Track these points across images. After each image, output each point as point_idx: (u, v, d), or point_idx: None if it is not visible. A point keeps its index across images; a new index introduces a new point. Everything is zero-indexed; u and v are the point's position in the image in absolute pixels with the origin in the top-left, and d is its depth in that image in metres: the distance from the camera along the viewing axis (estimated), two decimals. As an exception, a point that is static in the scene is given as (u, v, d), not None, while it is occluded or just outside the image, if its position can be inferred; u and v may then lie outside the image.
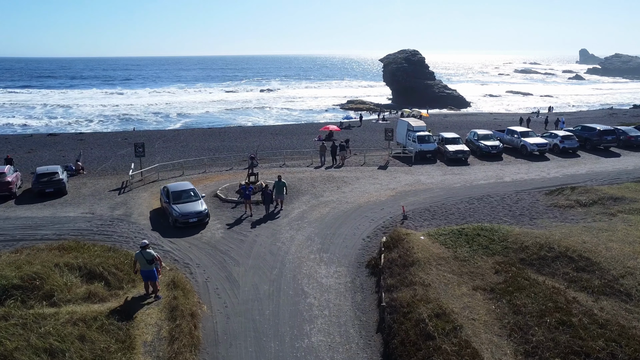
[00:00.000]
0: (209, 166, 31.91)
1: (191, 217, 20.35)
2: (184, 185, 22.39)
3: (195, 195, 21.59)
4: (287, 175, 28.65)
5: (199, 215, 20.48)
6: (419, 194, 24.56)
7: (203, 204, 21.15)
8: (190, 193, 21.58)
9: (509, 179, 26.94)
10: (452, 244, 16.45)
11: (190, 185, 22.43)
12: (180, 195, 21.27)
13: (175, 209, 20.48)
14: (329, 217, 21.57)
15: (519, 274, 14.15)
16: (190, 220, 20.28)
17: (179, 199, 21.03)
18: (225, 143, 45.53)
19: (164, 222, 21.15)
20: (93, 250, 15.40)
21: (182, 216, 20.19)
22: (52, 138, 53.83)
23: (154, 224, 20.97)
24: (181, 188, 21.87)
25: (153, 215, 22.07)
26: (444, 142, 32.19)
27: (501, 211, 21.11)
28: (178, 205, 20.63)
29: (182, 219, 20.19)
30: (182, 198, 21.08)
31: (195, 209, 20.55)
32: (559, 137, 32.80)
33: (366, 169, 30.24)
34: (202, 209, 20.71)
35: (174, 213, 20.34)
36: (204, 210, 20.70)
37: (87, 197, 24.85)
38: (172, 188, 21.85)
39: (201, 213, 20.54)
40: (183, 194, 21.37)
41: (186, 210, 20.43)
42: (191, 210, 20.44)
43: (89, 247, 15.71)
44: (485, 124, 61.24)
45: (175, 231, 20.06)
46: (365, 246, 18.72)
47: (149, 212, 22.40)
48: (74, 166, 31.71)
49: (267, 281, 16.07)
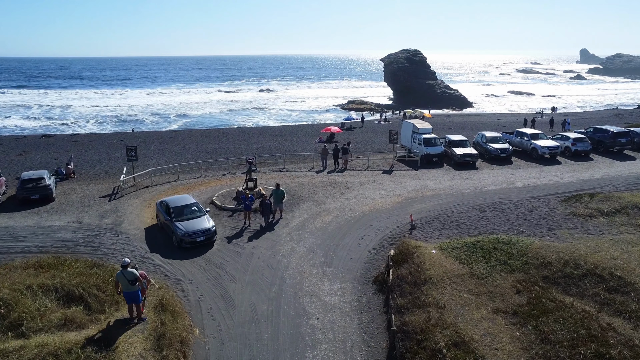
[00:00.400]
0: (205, 170, 30.55)
1: (198, 235, 18.12)
2: (184, 200, 20.03)
3: (200, 210, 19.42)
4: (288, 180, 27.32)
5: (207, 234, 18.28)
6: (427, 201, 23.21)
7: (210, 220, 18.94)
8: (194, 208, 19.39)
9: (520, 184, 25.58)
10: (467, 258, 15.10)
11: (191, 199, 20.13)
12: (182, 211, 19.03)
13: (179, 227, 18.20)
14: (331, 227, 20.23)
15: (543, 295, 12.81)
16: (197, 239, 18.05)
17: (181, 215, 18.81)
18: (224, 145, 44.18)
19: (163, 240, 19.01)
20: (74, 267, 14.03)
21: (188, 235, 17.94)
22: (46, 139, 52.51)
23: (151, 243, 18.69)
24: (182, 202, 19.59)
25: (149, 233, 19.73)
26: (451, 145, 30.82)
27: (516, 220, 19.75)
28: (182, 223, 18.38)
29: (189, 238, 17.94)
30: (184, 214, 18.90)
31: (202, 227, 18.33)
32: (571, 140, 31.43)
33: (370, 173, 28.87)
34: (209, 225, 18.51)
35: (178, 232, 18.07)
36: (211, 227, 18.52)
37: (75, 204, 23.48)
38: (172, 203, 19.46)
39: (209, 231, 18.35)
40: (185, 210, 19.15)
41: (192, 228, 18.18)
42: (198, 229, 18.21)
43: (70, 264, 14.35)
44: (490, 125, 59.96)
45: (181, 253, 17.88)
46: (372, 259, 17.38)
47: (144, 229, 20.20)
48: (64, 170, 30.36)
49: (266, 300, 14.73)
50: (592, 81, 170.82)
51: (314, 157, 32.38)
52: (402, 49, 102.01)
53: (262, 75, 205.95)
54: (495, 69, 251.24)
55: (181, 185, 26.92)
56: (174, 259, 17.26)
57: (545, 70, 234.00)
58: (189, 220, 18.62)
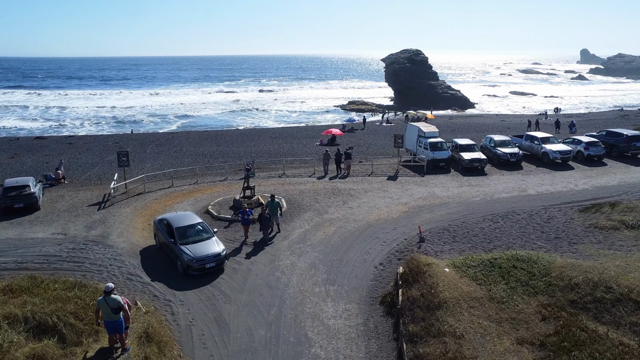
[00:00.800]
0: (201, 176, 29.19)
1: (208, 261, 15.87)
2: (188, 218, 17.62)
3: (206, 230, 17.14)
4: (288, 187, 25.98)
5: (217, 259, 16.06)
6: (435, 210, 21.88)
7: (219, 242, 16.73)
8: (199, 228, 17.14)
9: (533, 192, 24.25)
10: (485, 279, 13.76)
11: (195, 217, 17.86)
12: (187, 232, 16.77)
13: (185, 252, 15.90)
14: (335, 239, 18.90)
15: (572, 322, 11.48)
16: (207, 265, 15.82)
17: (186, 237, 16.58)
18: (222, 148, 42.86)
19: (163, 264, 16.76)
20: (51, 290, 12.69)
21: (196, 261, 15.68)
22: (39, 141, 51.24)
23: (150, 268, 16.46)
24: (186, 222, 17.21)
25: (146, 256, 17.41)
26: (458, 149, 29.46)
27: (532, 233, 18.41)
28: (188, 247, 16.08)
29: (197, 265, 15.68)
30: (189, 235, 16.68)
31: (211, 251, 16.09)
32: (583, 144, 30.08)
33: (374, 179, 27.51)
34: (219, 250, 16.27)
35: (184, 257, 15.79)
36: (222, 252, 16.26)
37: (62, 213, 22.12)
38: (174, 222, 17.04)
39: (219, 256, 16.12)
40: (190, 231, 16.87)
41: (201, 252, 15.91)
42: (207, 253, 15.94)
43: (47, 285, 13.01)
44: (494, 126, 58.67)
45: (186, 282, 15.58)
46: (378, 276, 16.05)
47: (134, 243, 18.41)
48: (53, 175, 29.05)
49: (264, 324, 13.41)
50: (594, 81, 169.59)
51: (315, 162, 31.02)
52: (403, 49, 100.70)
53: (261, 75, 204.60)
54: (495, 69, 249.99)
55: (175, 192, 25.59)
56: (181, 290, 15.11)
57: (546, 70, 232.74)
58: (195, 243, 16.38)
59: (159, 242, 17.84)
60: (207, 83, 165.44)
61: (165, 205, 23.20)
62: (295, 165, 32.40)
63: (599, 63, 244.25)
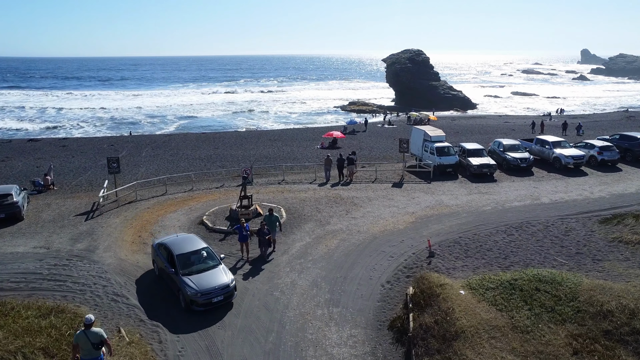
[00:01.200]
0: (196, 182, 27.87)
1: (215, 295, 13.56)
2: (191, 243, 15.22)
3: (212, 257, 14.81)
4: (287, 194, 24.65)
5: (226, 291, 13.80)
6: (444, 220, 20.56)
7: (227, 271, 14.46)
8: (203, 254, 14.79)
9: (547, 200, 22.94)
10: (505, 303, 12.43)
11: (199, 241, 15.45)
12: (189, 259, 14.47)
13: (189, 283, 13.59)
14: (338, 253, 17.58)
15: (610, 358, 10.16)
16: (214, 300, 13.53)
17: (189, 265, 14.30)
18: (219, 151, 41.54)
19: (162, 295, 14.55)
20: (22, 318, 11.35)
21: (202, 295, 13.38)
22: (33, 144, 49.95)
23: (147, 300, 14.23)
24: (188, 247, 14.85)
25: (143, 286, 15.15)
26: (466, 154, 28.13)
27: (551, 247, 17.09)
28: (192, 278, 13.80)
29: (203, 299, 13.40)
30: (192, 263, 14.41)
31: (219, 282, 13.81)
32: (597, 148, 28.74)
33: (378, 186, 26.17)
34: (227, 280, 13.96)
35: (187, 291, 13.45)
36: (230, 282, 13.99)
37: (47, 224, 20.77)
38: (175, 248, 14.69)
39: (228, 288, 13.85)
40: (193, 258, 14.59)
41: (207, 285, 13.59)
42: (214, 285, 13.65)
43: (18, 312, 11.67)
44: (498, 128, 57.40)
45: (189, 319, 13.41)
46: (386, 296, 14.74)
47: (135, 284, 15.34)
48: (42, 181, 27.72)
49: (261, 353, 12.09)
50: (596, 82, 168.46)
51: (316, 168, 29.67)
52: (404, 49, 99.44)
53: (260, 76, 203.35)
54: (496, 70, 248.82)
55: (169, 200, 24.25)
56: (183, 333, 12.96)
57: (547, 70, 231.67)
58: (200, 273, 14.05)
59: (158, 268, 15.58)
60: (206, 83, 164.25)
61: (158, 215, 21.87)
62: (295, 170, 31.07)
63: (600, 63, 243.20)
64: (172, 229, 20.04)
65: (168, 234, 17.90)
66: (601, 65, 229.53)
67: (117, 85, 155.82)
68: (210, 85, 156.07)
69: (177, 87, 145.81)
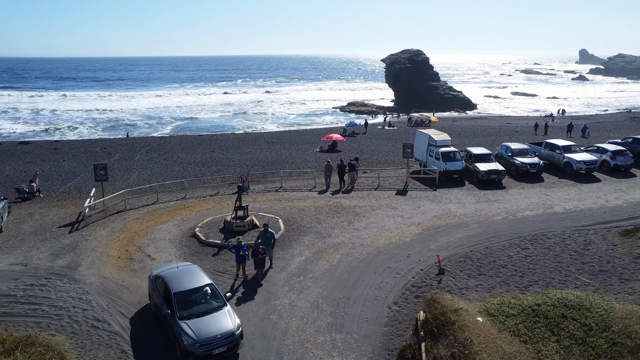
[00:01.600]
0: (190, 189, 26.51)
1: (217, 345, 11.36)
2: (192, 277, 12.87)
3: (215, 295, 12.46)
4: (286, 203, 23.30)
5: (230, 341, 11.54)
6: (452, 232, 19.25)
7: (232, 314, 12.15)
8: (206, 291, 12.49)
9: (560, 209, 21.64)
10: (529, 334, 11.13)
11: (202, 276, 13.00)
12: (189, 299, 12.19)
13: (186, 330, 11.40)
14: (340, 270, 16.25)
15: (654, 403, 8.86)
16: (215, 351, 11.33)
17: (188, 306, 12.07)
18: (215, 155, 40.19)
19: (159, 339, 12.47)
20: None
21: (201, 345, 11.21)
22: (23, 147, 48.52)
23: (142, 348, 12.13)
24: (189, 284, 12.54)
25: (138, 329, 12.96)
26: (473, 159, 26.81)
27: (571, 263, 15.79)
28: (190, 323, 11.58)
29: (202, 350, 11.21)
30: (193, 304, 12.17)
31: (222, 329, 11.59)
32: (610, 152, 27.46)
33: (381, 194, 24.83)
34: (232, 326, 11.70)
35: (184, 339, 11.27)
36: (236, 329, 11.73)
37: (27, 236, 19.37)
38: (173, 284, 12.41)
39: (233, 336, 11.59)
40: (194, 297, 12.29)
41: (207, 332, 11.41)
42: (216, 333, 11.44)
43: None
44: (500, 130, 56.18)
45: None
46: (393, 320, 13.41)
47: (129, 322, 13.29)
48: (27, 188, 26.34)
49: (256, 391, 10.76)
50: (595, 82, 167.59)
51: (315, 174, 28.29)
52: (403, 49, 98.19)
53: (258, 76, 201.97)
54: (495, 70, 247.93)
55: (160, 210, 22.88)
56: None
57: (546, 70, 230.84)
58: (201, 316, 11.85)
59: (154, 303, 13.36)
60: (204, 84, 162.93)
61: (148, 226, 20.50)
62: (294, 176, 29.71)
63: (598, 63, 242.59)
64: (162, 241, 18.70)
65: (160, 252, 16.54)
66: (600, 65, 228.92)
67: (114, 85, 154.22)
68: (208, 85, 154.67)
69: (174, 88, 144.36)
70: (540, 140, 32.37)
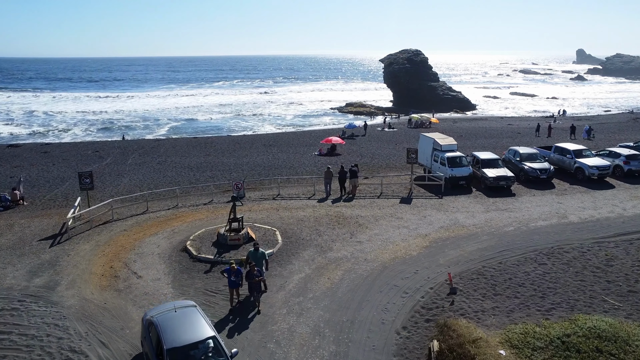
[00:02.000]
0: (182, 197, 25.11)
1: None
2: (191, 327, 10.42)
3: (218, 353, 10.01)
4: (283, 213, 21.94)
5: None
6: (462, 245, 17.94)
7: None
8: (207, 345, 10.11)
9: (575, 218, 20.36)
10: (561, 371, 9.82)
11: (204, 327, 10.48)
12: (187, 356, 9.84)
13: None
14: (343, 288, 14.92)
15: None
16: None
17: None
18: (210, 158, 38.80)
19: None
20: None
21: None
22: (12, 150, 47.13)
23: None
24: (187, 337, 10.11)
25: None
26: (480, 165, 25.50)
27: (595, 282, 14.49)
28: None
29: None
30: (192, 358, 9.91)
31: None
32: (623, 157, 26.20)
33: (384, 203, 23.47)
34: None
35: None
36: None
37: (4, 251, 17.91)
38: (167, 338, 9.98)
39: None
40: (193, 354, 9.94)
41: None
42: None
43: None
44: (502, 131, 54.97)
45: None
46: (403, 347, 12.07)
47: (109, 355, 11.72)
48: (9, 196, 24.93)
49: None
50: (593, 82, 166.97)
51: (315, 180, 26.91)
52: (402, 49, 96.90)
53: (255, 77, 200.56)
54: (494, 70, 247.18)
55: (150, 220, 21.48)
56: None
57: (544, 70, 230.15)
58: None
59: (145, 352, 11.11)
60: (200, 84, 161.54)
61: (135, 238, 19.11)
62: (292, 182, 28.33)
63: (595, 63, 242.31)
64: (150, 257, 17.32)
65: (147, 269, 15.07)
66: (597, 65, 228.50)
67: (110, 86, 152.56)
68: (204, 86, 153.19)
69: (170, 88, 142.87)
70: (544, 143, 31.13)
